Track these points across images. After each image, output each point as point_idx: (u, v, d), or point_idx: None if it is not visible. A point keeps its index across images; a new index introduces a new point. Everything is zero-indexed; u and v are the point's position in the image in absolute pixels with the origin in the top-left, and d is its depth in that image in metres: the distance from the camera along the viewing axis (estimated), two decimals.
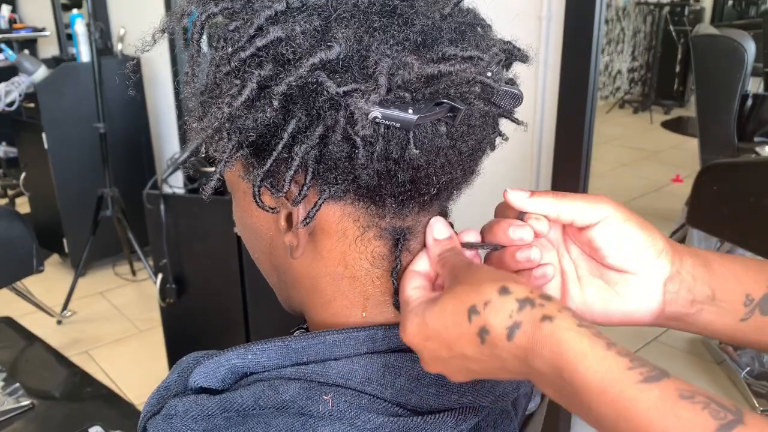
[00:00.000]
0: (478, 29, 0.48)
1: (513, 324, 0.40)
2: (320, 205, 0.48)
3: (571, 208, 0.49)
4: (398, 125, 0.44)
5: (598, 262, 0.51)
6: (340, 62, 0.43)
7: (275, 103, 0.44)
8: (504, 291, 0.41)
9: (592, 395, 0.36)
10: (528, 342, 0.39)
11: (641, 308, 0.50)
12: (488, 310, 0.41)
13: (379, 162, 0.45)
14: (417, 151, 0.45)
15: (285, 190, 0.47)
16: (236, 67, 0.45)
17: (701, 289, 0.49)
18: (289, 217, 0.51)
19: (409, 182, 0.47)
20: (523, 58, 0.51)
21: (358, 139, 0.44)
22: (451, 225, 0.57)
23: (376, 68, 0.42)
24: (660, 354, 2.53)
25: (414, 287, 0.49)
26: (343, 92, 0.43)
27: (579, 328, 0.38)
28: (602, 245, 0.49)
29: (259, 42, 0.44)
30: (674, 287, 0.49)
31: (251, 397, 0.49)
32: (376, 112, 0.43)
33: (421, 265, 0.51)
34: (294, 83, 0.43)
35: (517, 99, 0.48)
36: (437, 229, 0.51)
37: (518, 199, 0.50)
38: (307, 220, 0.49)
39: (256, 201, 0.49)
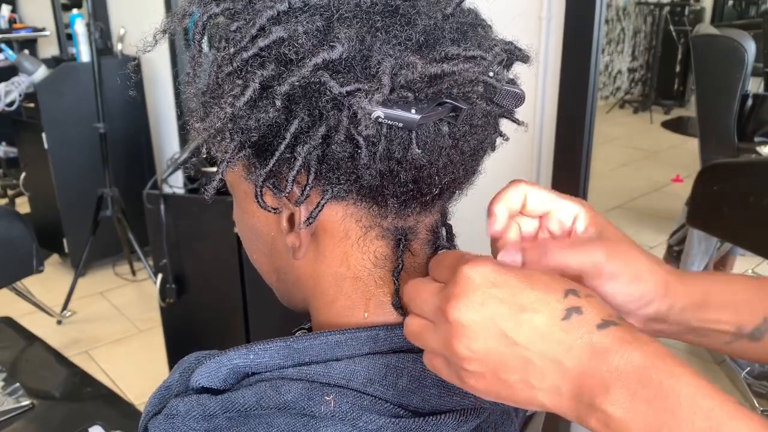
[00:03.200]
0: (479, 29, 0.48)
1: (610, 319, 0.38)
2: (323, 206, 0.48)
3: (577, 254, 0.46)
4: (401, 125, 0.44)
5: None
6: (343, 62, 0.43)
7: (278, 103, 0.44)
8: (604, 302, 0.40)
9: (683, 400, 0.35)
10: (621, 337, 0.37)
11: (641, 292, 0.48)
12: (588, 300, 0.39)
13: (382, 162, 0.45)
14: (419, 151, 0.45)
15: (287, 191, 0.47)
16: (238, 67, 0.45)
17: (686, 323, 0.49)
18: (291, 218, 0.51)
19: (411, 182, 0.47)
20: (524, 59, 0.51)
21: (361, 139, 0.44)
22: (451, 227, 0.57)
23: (379, 68, 0.42)
24: None
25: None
26: (346, 92, 0.43)
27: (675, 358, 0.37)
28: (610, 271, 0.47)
29: (262, 42, 0.44)
30: (656, 326, 0.49)
31: (253, 397, 0.49)
32: (379, 112, 0.43)
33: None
34: (297, 83, 0.43)
35: (519, 99, 0.48)
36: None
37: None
38: (310, 221, 0.49)
39: (258, 201, 0.49)
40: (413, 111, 0.43)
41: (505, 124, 0.54)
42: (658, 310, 0.48)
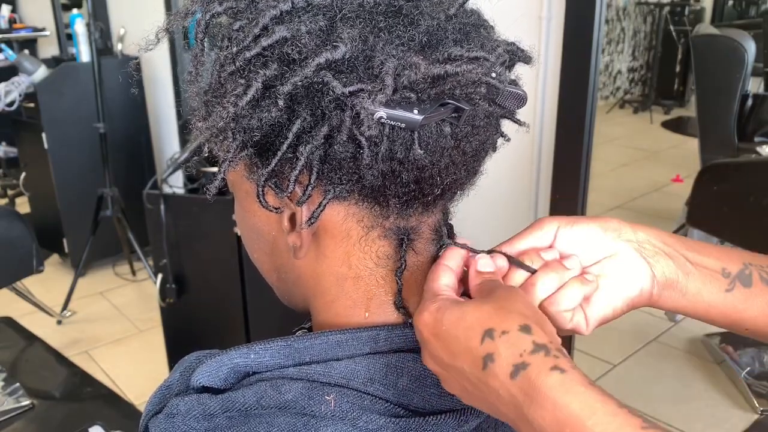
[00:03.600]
0: (482, 30, 0.48)
1: (521, 363, 0.39)
2: (324, 206, 0.48)
3: (524, 243, 0.52)
4: (403, 125, 0.44)
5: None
6: (346, 62, 0.43)
7: (280, 103, 0.44)
8: (525, 329, 0.41)
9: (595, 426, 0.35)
10: (530, 387, 0.38)
11: (637, 283, 0.51)
12: (503, 339, 0.41)
13: (384, 162, 0.45)
14: (421, 152, 0.45)
15: (289, 191, 0.47)
16: (241, 66, 0.45)
17: (678, 255, 0.51)
18: (292, 218, 0.50)
19: (413, 182, 0.47)
20: (527, 59, 0.51)
21: (364, 139, 0.44)
22: (452, 227, 0.57)
23: (382, 68, 0.42)
24: (660, 354, 2.53)
25: (446, 284, 0.50)
26: (349, 92, 0.42)
27: (589, 386, 0.38)
28: (569, 255, 0.52)
29: (265, 42, 0.44)
30: (649, 251, 0.51)
31: (253, 396, 0.49)
32: (382, 113, 0.43)
33: (454, 262, 0.51)
34: (299, 83, 0.43)
35: (522, 100, 0.48)
36: (483, 264, 0.51)
37: (489, 264, 0.51)
38: (312, 221, 0.49)
39: (259, 201, 0.49)
40: (416, 111, 0.43)
41: (505, 124, 0.54)
42: (637, 238, 0.51)
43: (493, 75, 0.46)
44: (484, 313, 0.43)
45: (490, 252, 0.52)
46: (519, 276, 0.51)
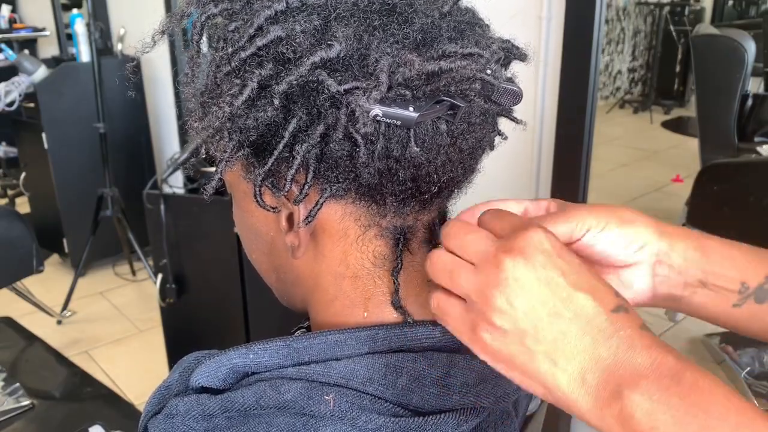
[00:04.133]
0: (477, 28, 0.48)
1: (646, 327, 0.39)
2: (321, 204, 0.48)
3: (556, 228, 0.47)
4: (399, 123, 0.44)
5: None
6: (341, 61, 0.43)
7: (276, 102, 0.44)
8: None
9: (717, 397, 0.35)
10: (657, 341, 0.38)
11: (636, 293, 0.50)
12: (631, 308, 0.40)
13: (380, 160, 0.45)
14: (418, 149, 0.45)
15: (286, 190, 0.47)
16: (236, 66, 0.45)
17: (692, 273, 0.49)
18: (290, 217, 0.51)
19: (410, 180, 0.47)
20: (522, 57, 0.51)
21: (359, 137, 0.44)
22: None
23: (376, 66, 0.43)
24: None
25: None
26: (344, 90, 0.43)
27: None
28: (589, 254, 0.49)
29: (260, 42, 0.44)
30: (663, 270, 0.49)
31: (253, 396, 0.49)
32: (377, 110, 0.43)
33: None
34: (295, 82, 0.43)
35: (517, 96, 0.48)
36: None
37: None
38: (309, 220, 0.49)
39: (257, 200, 0.49)
40: (411, 109, 0.43)
41: (504, 123, 0.54)
42: (658, 249, 0.48)
43: (488, 71, 0.46)
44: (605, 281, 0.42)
45: None
46: None
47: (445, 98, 0.45)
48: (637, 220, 0.48)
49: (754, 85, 3.77)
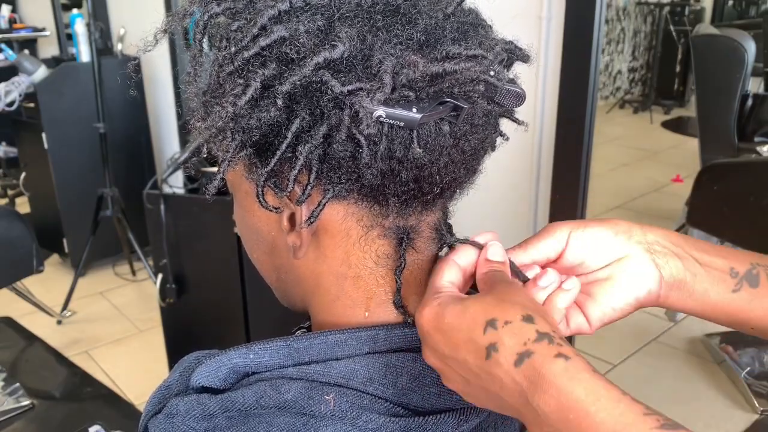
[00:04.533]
0: (480, 29, 0.48)
1: (525, 351, 0.39)
2: (324, 205, 0.48)
3: (537, 250, 0.52)
4: (402, 124, 0.44)
5: (585, 274, 0.53)
6: (344, 61, 0.43)
7: (279, 102, 0.44)
8: (528, 319, 0.41)
9: (599, 417, 0.36)
10: (534, 374, 0.39)
11: (645, 284, 0.51)
12: (506, 329, 0.41)
13: (383, 161, 0.45)
14: (420, 150, 0.45)
15: (288, 190, 0.47)
16: (240, 66, 0.45)
17: (687, 252, 0.51)
18: (292, 217, 0.50)
19: (412, 181, 0.47)
20: (525, 58, 0.51)
21: (363, 138, 0.44)
22: (451, 226, 0.57)
23: (380, 67, 0.42)
24: (660, 354, 2.53)
25: (449, 280, 0.50)
26: (348, 91, 0.43)
27: (593, 373, 0.38)
28: (579, 259, 0.52)
29: (263, 41, 0.44)
30: (661, 258, 0.51)
31: (253, 396, 0.49)
32: (381, 111, 0.43)
33: (464, 260, 0.51)
34: (298, 82, 0.43)
35: (520, 98, 0.48)
36: (493, 251, 0.51)
37: (500, 253, 0.51)
38: (311, 220, 0.49)
39: (259, 201, 0.49)
40: (414, 110, 0.43)
41: (504, 124, 0.54)
42: (647, 239, 0.52)
43: (492, 73, 0.46)
44: (486, 305, 0.43)
45: None
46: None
47: (448, 99, 0.45)
48: (617, 219, 0.53)
49: (754, 85, 3.77)
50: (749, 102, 3.04)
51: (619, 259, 0.52)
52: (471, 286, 0.52)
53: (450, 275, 0.50)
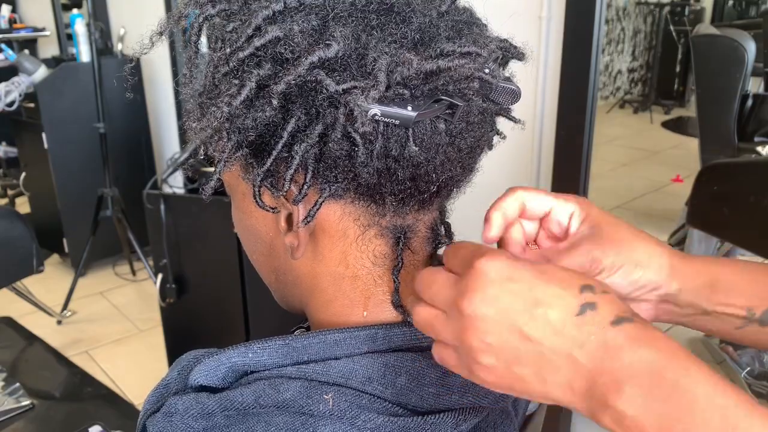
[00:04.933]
0: (474, 28, 0.48)
1: (625, 316, 0.38)
2: (321, 204, 0.48)
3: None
4: (397, 122, 0.44)
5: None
6: (339, 60, 0.43)
7: (274, 102, 0.44)
8: (617, 300, 0.40)
9: (699, 398, 0.34)
10: (634, 335, 0.37)
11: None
12: (604, 297, 0.39)
13: (379, 160, 0.45)
14: (416, 149, 0.45)
15: (285, 190, 0.47)
16: (235, 67, 0.45)
17: (698, 306, 0.49)
18: (289, 218, 0.51)
19: (409, 180, 0.47)
20: (519, 56, 0.51)
21: (358, 136, 0.44)
22: (449, 225, 0.57)
23: (374, 65, 0.43)
24: None
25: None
26: (343, 90, 0.43)
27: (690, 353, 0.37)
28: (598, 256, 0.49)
29: (258, 42, 0.44)
30: (668, 306, 0.49)
31: (252, 395, 0.49)
32: (376, 110, 0.43)
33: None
34: (293, 82, 0.43)
35: (515, 95, 0.48)
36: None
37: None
38: (308, 220, 0.49)
39: (256, 201, 0.49)
40: (409, 108, 0.43)
41: (504, 123, 0.54)
42: (667, 292, 0.49)
43: (486, 70, 0.46)
44: (571, 272, 0.41)
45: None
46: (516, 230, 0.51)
47: (443, 97, 0.45)
48: (652, 262, 0.48)
49: (754, 85, 3.76)
50: (749, 102, 3.04)
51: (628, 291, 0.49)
52: None
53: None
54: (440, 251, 0.55)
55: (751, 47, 2.90)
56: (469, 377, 0.42)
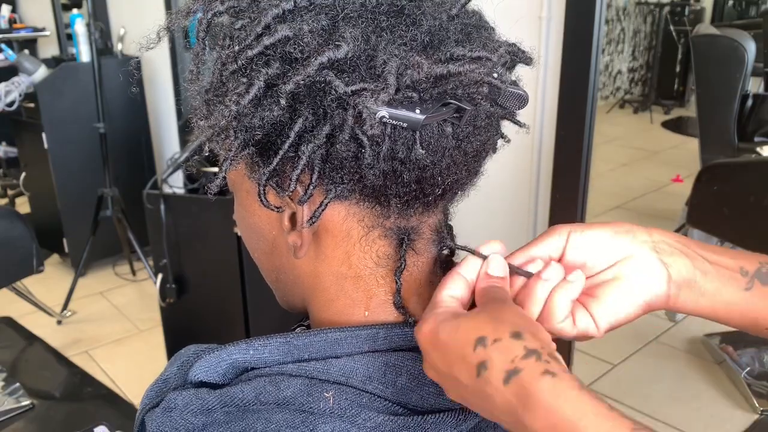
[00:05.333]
0: (483, 31, 0.48)
1: (513, 369, 0.39)
2: (326, 205, 0.48)
3: (539, 249, 0.51)
4: (405, 125, 0.44)
5: (590, 277, 0.51)
6: (348, 62, 0.43)
7: (282, 101, 0.44)
8: (517, 335, 0.41)
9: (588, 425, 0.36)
10: (522, 392, 0.39)
11: (653, 285, 0.50)
12: (495, 347, 0.41)
13: (385, 162, 0.45)
14: (423, 152, 0.45)
15: (290, 190, 0.47)
16: (243, 65, 0.45)
17: (694, 251, 0.50)
18: (293, 217, 0.50)
19: (414, 182, 0.47)
20: (527, 61, 0.51)
21: (365, 138, 0.44)
22: (452, 227, 0.57)
23: (384, 68, 0.42)
24: (660, 354, 2.53)
25: (451, 295, 0.49)
26: (352, 91, 0.42)
27: (581, 390, 0.38)
28: (581, 261, 0.51)
29: (267, 40, 0.44)
30: (667, 256, 0.50)
31: (252, 392, 0.49)
32: (384, 112, 0.43)
33: (469, 272, 0.50)
34: (302, 82, 0.43)
35: (523, 100, 0.48)
36: (494, 266, 0.50)
37: (501, 268, 0.51)
38: (313, 220, 0.49)
39: (260, 200, 0.49)
40: (418, 111, 0.43)
41: (505, 125, 0.54)
42: (652, 239, 0.51)
43: (495, 75, 0.46)
44: (477, 322, 0.43)
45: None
46: (520, 283, 0.51)
47: (451, 101, 0.45)
48: (618, 221, 0.51)
49: (754, 85, 3.77)
50: (749, 102, 3.04)
51: (624, 259, 0.50)
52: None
53: (453, 289, 0.49)
54: (443, 253, 0.55)
55: (751, 47, 2.90)
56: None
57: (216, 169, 0.49)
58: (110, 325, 2.86)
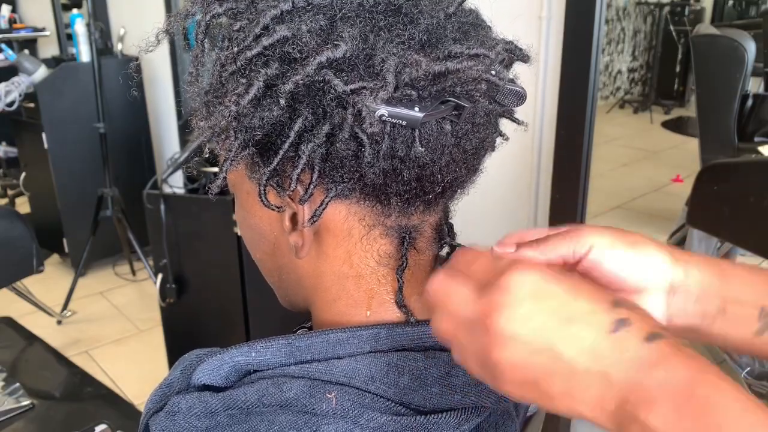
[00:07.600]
0: (480, 30, 0.48)
1: (656, 332, 0.37)
2: (326, 204, 0.48)
3: (555, 250, 0.46)
4: (404, 123, 0.44)
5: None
6: (347, 61, 0.43)
7: (282, 102, 0.44)
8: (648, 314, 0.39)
9: (729, 415, 0.33)
10: (667, 351, 0.36)
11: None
12: (635, 311, 0.38)
13: (385, 160, 0.46)
14: (422, 149, 0.45)
15: (291, 189, 0.47)
16: (242, 66, 0.45)
17: (710, 300, 0.47)
18: (294, 217, 0.51)
19: (414, 180, 0.48)
20: (525, 58, 0.52)
21: (365, 137, 0.44)
22: (452, 225, 0.57)
23: (383, 66, 0.43)
24: None
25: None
26: (351, 90, 0.43)
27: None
28: (597, 276, 0.46)
29: (266, 41, 0.44)
30: (679, 301, 0.47)
31: (255, 394, 0.49)
32: (383, 110, 0.43)
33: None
34: (301, 82, 0.43)
35: (521, 97, 0.48)
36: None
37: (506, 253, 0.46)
38: (313, 220, 0.49)
39: (261, 200, 0.49)
40: (417, 109, 0.44)
41: (504, 124, 0.54)
42: (673, 276, 0.46)
43: (493, 72, 0.46)
44: (600, 288, 0.40)
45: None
46: None
47: (450, 99, 0.45)
48: (649, 244, 0.46)
49: (754, 85, 3.77)
50: (749, 102, 3.04)
51: (635, 292, 0.46)
52: None
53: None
54: (442, 252, 0.55)
55: (751, 47, 2.90)
56: (495, 387, 0.41)
57: (216, 169, 0.49)
58: (110, 325, 2.86)
